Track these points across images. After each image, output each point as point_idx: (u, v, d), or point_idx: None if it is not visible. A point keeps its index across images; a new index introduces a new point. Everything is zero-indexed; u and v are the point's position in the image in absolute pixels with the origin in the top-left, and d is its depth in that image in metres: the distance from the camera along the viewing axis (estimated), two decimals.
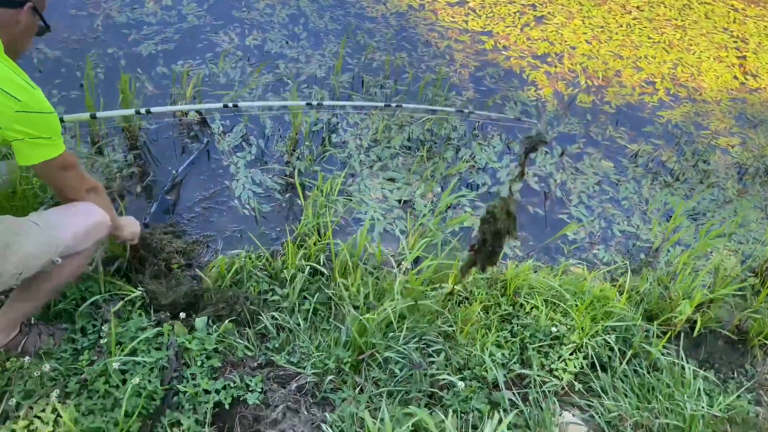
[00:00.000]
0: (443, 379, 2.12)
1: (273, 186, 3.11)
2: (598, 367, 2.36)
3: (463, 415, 2.04)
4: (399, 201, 3.14)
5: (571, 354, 2.38)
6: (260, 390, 2.00)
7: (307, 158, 3.26)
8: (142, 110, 2.60)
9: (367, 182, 3.22)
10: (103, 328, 2.02)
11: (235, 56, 3.89)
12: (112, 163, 3.01)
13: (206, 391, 1.95)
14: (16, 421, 1.68)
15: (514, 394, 2.18)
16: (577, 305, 2.50)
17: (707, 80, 4.66)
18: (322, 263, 2.49)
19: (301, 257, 2.47)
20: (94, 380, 1.85)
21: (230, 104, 2.73)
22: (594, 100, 4.22)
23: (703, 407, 2.21)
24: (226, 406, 1.93)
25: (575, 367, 2.34)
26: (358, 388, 2.06)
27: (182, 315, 2.14)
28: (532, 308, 2.52)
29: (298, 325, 2.25)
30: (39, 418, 1.70)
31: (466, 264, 2.09)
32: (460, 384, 2.08)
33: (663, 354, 2.44)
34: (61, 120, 2.09)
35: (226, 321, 2.16)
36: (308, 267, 2.42)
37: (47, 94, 3.29)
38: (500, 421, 1.92)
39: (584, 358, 2.37)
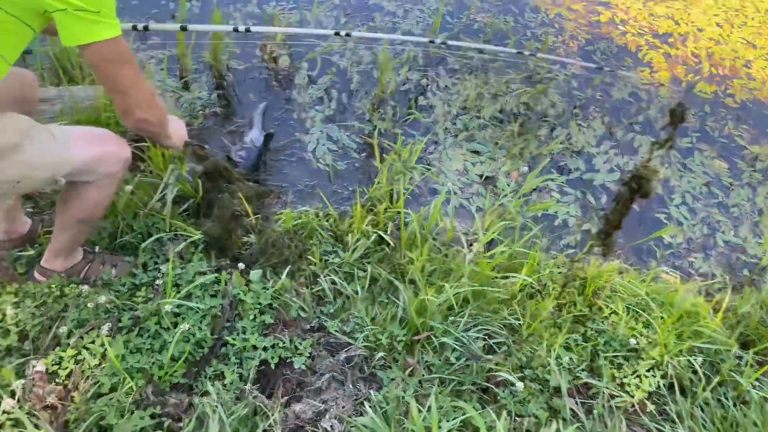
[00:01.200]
0: (501, 377, 1.96)
1: (349, 144, 2.98)
2: (677, 390, 2.11)
3: (518, 418, 1.88)
4: (480, 176, 2.94)
5: (648, 370, 2.14)
6: (308, 355, 1.92)
7: (389, 119, 3.11)
8: (241, 27, 2.31)
9: (449, 152, 3.03)
10: (161, 268, 2.00)
11: (330, 3, 3.75)
12: (196, 100, 2.99)
13: (254, 347, 1.90)
14: (66, 349, 1.68)
15: (576, 403, 1.99)
16: (663, 318, 2.24)
17: None
18: (389, 232, 2.36)
19: (369, 222, 2.35)
20: (146, 318, 1.83)
21: (342, 33, 2.43)
22: (716, 91, 3.76)
23: None
24: (272, 366, 1.87)
25: (650, 385, 2.10)
26: (408, 370, 1.94)
27: (241, 265, 2.09)
28: (611, 313, 2.29)
29: (356, 293, 2.15)
30: (88, 349, 1.70)
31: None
32: (519, 384, 1.91)
33: (755, 387, 2.16)
34: (146, 29, 1.99)
35: (283, 276, 2.09)
36: (374, 234, 2.30)
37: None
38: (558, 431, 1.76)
39: (662, 377, 2.13)
